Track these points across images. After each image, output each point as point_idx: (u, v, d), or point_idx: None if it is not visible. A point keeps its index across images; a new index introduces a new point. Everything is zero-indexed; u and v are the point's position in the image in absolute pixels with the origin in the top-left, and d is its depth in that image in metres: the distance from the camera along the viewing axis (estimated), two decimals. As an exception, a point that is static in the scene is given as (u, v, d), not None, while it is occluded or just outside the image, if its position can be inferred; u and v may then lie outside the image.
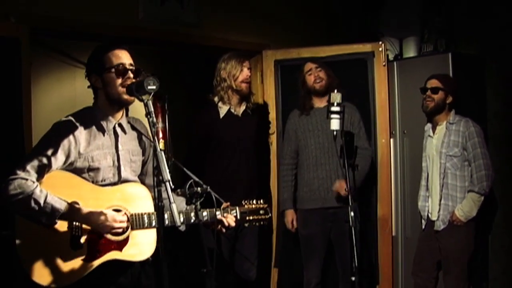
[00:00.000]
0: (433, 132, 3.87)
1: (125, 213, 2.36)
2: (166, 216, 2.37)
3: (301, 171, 4.06)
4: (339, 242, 3.95)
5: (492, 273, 4.58)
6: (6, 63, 3.25)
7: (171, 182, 2.06)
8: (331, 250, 4.07)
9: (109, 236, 2.30)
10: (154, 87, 2.20)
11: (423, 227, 3.94)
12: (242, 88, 3.87)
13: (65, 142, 2.30)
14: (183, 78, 6.05)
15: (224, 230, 2.65)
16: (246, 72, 3.87)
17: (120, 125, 2.48)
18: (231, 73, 3.85)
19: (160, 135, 6.33)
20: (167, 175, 2.06)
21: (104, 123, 2.43)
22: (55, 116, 2.44)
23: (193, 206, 2.26)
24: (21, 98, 3.33)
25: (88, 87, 2.50)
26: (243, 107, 3.96)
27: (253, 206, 2.78)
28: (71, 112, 2.47)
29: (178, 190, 2.33)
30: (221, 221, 2.62)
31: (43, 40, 5.22)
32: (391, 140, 4.46)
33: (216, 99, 3.92)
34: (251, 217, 2.75)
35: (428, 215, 3.89)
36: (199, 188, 2.26)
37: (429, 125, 3.96)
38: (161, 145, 6.31)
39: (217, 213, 2.61)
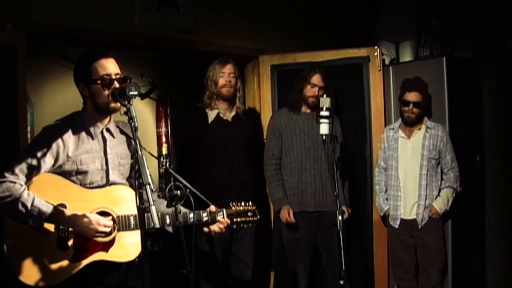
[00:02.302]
0: (407, 135, 3.99)
1: (112, 217, 2.41)
2: (155, 218, 2.42)
3: (284, 174, 4.03)
4: (325, 246, 3.96)
5: (489, 277, 4.57)
6: (2, 70, 3.29)
7: (151, 185, 2.10)
8: (318, 254, 4.09)
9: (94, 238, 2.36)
10: (135, 92, 2.25)
11: (397, 226, 4.01)
12: (223, 93, 3.90)
13: (53, 146, 2.37)
14: (187, 83, 6.11)
15: (213, 233, 2.71)
16: (225, 78, 3.89)
17: (108, 129, 2.54)
18: (213, 80, 3.91)
19: (163, 139, 6.40)
20: (147, 178, 2.10)
21: (92, 128, 2.49)
22: None
23: (173, 209, 2.31)
24: (17, 104, 3.36)
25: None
26: (233, 112, 3.99)
27: (241, 208, 2.80)
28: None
29: (159, 193, 2.38)
30: (208, 225, 2.68)
31: (47, 45, 5.32)
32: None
33: (204, 104, 3.97)
34: (238, 219, 2.78)
35: (400, 215, 3.98)
36: (178, 191, 2.30)
37: (395, 126, 4.06)
38: (164, 149, 6.38)
39: (204, 215, 2.66)
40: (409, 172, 3.95)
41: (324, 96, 3.43)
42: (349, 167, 4.17)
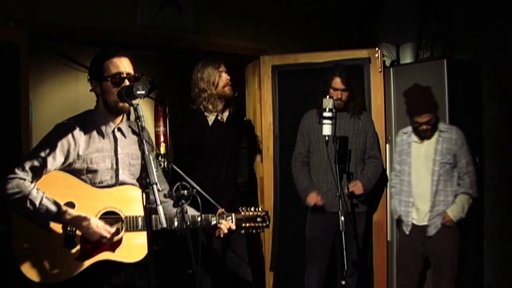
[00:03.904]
0: (420, 139, 3.90)
1: (117, 227, 2.40)
2: (162, 219, 2.42)
3: (311, 173, 4.09)
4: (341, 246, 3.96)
5: (487, 280, 4.59)
6: (4, 68, 3.29)
7: (158, 185, 2.09)
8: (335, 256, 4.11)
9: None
10: (143, 92, 2.24)
11: (408, 233, 3.94)
12: (226, 92, 3.83)
13: (64, 144, 2.37)
14: (186, 83, 6.11)
15: (222, 235, 2.69)
16: (225, 76, 3.82)
17: (119, 129, 2.54)
18: (210, 81, 3.79)
19: (162, 138, 6.40)
20: (154, 178, 2.09)
21: (103, 127, 2.49)
22: (58, 118, 2.51)
23: (180, 209, 2.31)
24: (19, 102, 3.36)
25: (91, 90, 2.57)
26: (226, 113, 3.93)
27: (250, 213, 2.77)
28: (73, 114, 2.54)
29: (165, 193, 2.37)
30: (218, 227, 2.67)
31: (47, 44, 5.30)
32: (387, 145, 4.47)
33: (201, 108, 3.85)
34: (247, 224, 2.75)
35: (411, 221, 3.91)
36: (185, 191, 2.30)
37: (408, 130, 3.98)
38: (162, 148, 6.38)
39: (212, 219, 2.65)
40: (422, 178, 3.85)
41: (327, 97, 3.44)
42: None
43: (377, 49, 4.45)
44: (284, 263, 4.51)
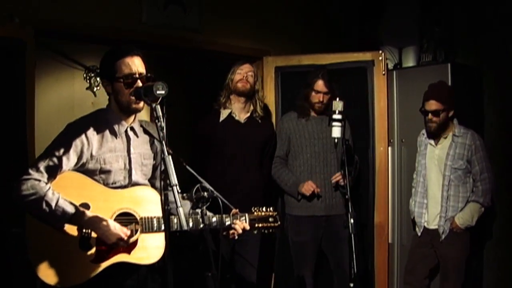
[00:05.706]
0: (435, 142, 3.88)
1: (130, 228, 2.36)
2: (175, 221, 2.40)
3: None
4: (332, 250, 3.98)
5: (486, 283, 4.62)
6: (10, 64, 3.25)
7: (178, 186, 2.06)
8: (323, 258, 4.10)
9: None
10: (163, 92, 2.19)
11: (419, 234, 3.94)
12: (237, 87, 3.89)
13: (78, 143, 2.33)
14: (184, 82, 6.08)
15: (236, 236, 2.67)
16: (242, 74, 3.90)
17: (132, 128, 2.50)
18: (230, 78, 3.93)
19: (157, 138, 6.36)
20: (174, 179, 2.05)
21: (116, 127, 2.45)
22: (54, 116, 2.45)
23: (199, 211, 2.29)
24: (25, 99, 3.32)
25: (87, 88, 2.52)
26: (247, 114, 3.95)
27: (263, 213, 2.77)
28: (69, 112, 2.50)
29: (184, 194, 2.34)
30: (232, 228, 2.64)
31: (43, 41, 5.23)
32: (389, 148, 4.49)
33: (220, 103, 3.97)
34: (260, 225, 2.75)
35: (423, 224, 3.91)
36: (205, 193, 2.27)
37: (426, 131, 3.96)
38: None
39: (226, 219, 2.62)
40: (434, 181, 3.85)
41: (337, 99, 3.43)
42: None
43: (380, 52, 4.45)
44: (284, 264, 4.49)
